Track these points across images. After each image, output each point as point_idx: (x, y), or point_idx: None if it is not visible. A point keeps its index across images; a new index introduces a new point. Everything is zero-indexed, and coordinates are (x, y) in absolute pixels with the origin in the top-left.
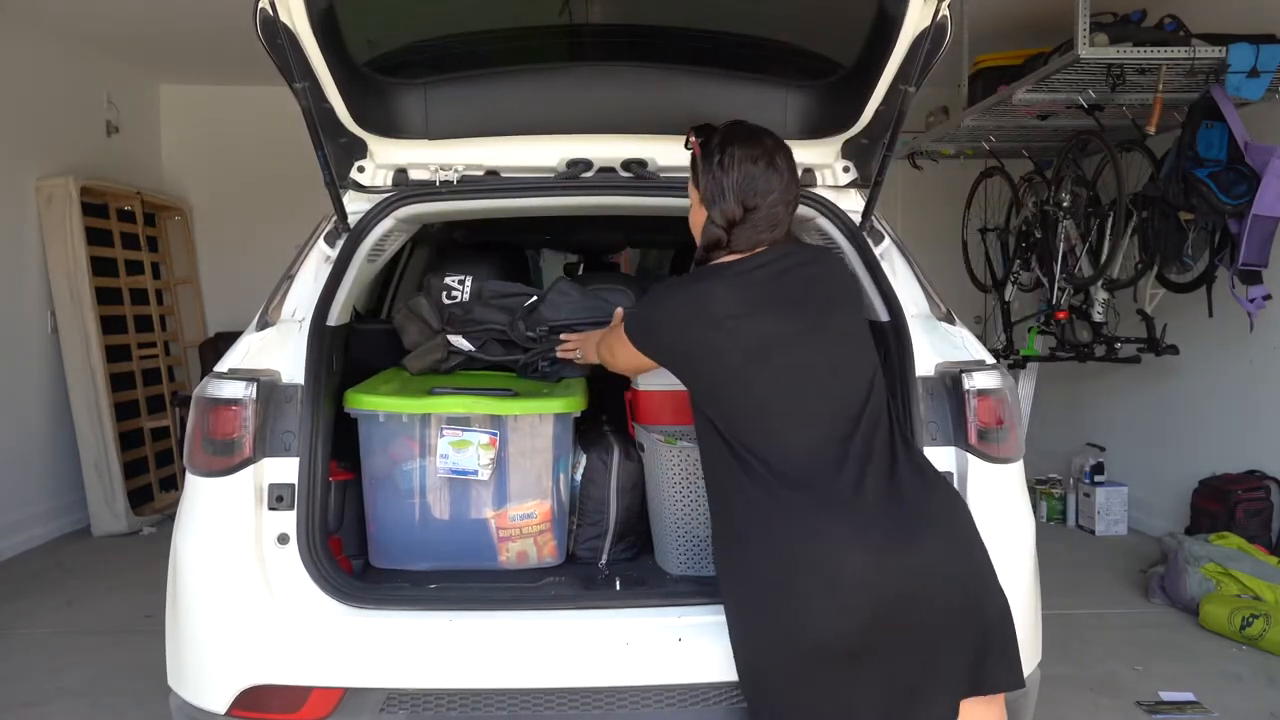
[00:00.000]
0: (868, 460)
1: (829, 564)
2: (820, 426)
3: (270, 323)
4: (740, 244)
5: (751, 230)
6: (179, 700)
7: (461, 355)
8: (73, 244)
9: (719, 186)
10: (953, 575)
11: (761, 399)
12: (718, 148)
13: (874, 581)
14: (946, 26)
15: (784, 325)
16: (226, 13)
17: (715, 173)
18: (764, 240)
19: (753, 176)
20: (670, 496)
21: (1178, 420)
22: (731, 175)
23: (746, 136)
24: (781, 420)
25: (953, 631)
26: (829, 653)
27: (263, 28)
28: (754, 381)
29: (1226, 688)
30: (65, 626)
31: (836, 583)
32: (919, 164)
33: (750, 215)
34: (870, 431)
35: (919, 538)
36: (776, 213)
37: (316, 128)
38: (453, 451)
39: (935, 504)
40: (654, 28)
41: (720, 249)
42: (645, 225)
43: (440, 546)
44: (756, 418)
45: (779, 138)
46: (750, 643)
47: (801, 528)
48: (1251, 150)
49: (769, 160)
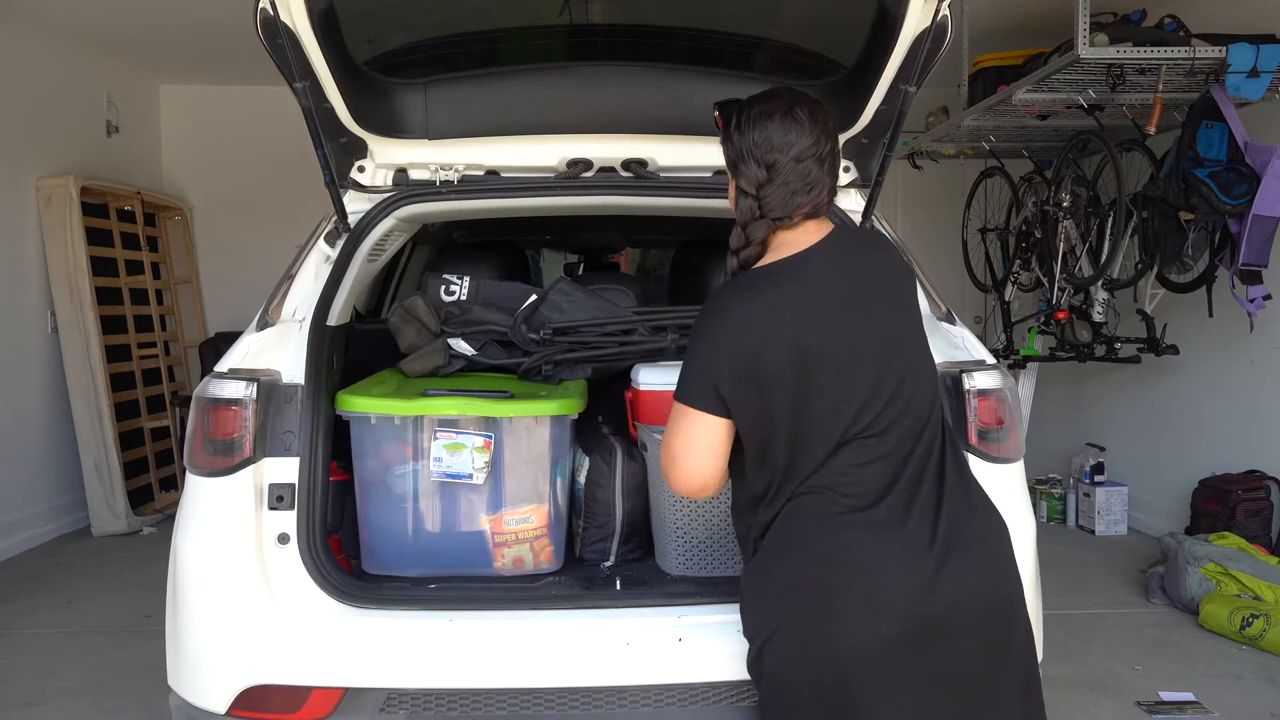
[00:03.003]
0: (920, 480)
1: (870, 586)
2: (878, 444)
3: (270, 323)
4: (774, 209)
5: (783, 190)
6: (179, 700)
7: (463, 359)
8: (73, 244)
9: (739, 150)
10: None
11: (813, 418)
12: (736, 112)
13: (916, 610)
14: (947, 26)
15: (837, 338)
16: (226, 13)
17: (734, 137)
18: (801, 205)
19: (768, 131)
20: (671, 496)
21: (1178, 420)
22: (748, 136)
23: (763, 96)
24: (834, 438)
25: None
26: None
27: (263, 27)
28: (810, 401)
29: (1226, 688)
30: (65, 626)
31: (876, 607)
32: (919, 164)
33: (774, 173)
34: (926, 451)
35: (967, 567)
36: (807, 168)
37: (317, 127)
38: (446, 454)
39: (979, 531)
40: (654, 28)
41: (755, 220)
42: (645, 225)
43: (434, 552)
44: (810, 435)
45: (804, 93)
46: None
47: (844, 546)
48: (1251, 150)
49: (785, 110)
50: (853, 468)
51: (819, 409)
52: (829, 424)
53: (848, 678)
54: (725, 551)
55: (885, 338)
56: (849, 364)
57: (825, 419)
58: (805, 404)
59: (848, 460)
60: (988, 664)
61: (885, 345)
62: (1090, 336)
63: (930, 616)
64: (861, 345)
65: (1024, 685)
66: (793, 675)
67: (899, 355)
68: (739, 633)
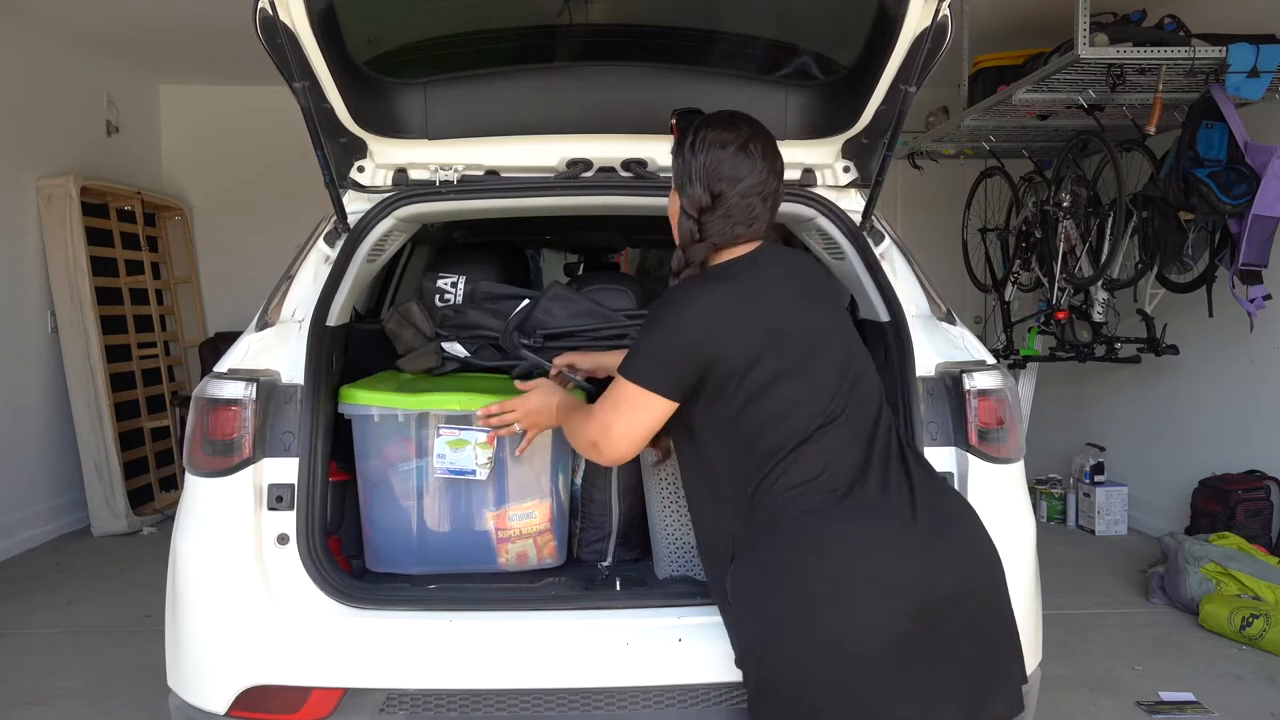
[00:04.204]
0: (888, 460)
1: (875, 567)
2: (847, 428)
3: (270, 323)
4: (713, 235)
5: (723, 222)
6: (178, 700)
7: (456, 362)
8: (73, 244)
9: (688, 170)
10: (990, 574)
11: (789, 404)
12: (692, 130)
13: (923, 582)
14: (947, 26)
15: (803, 325)
16: (226, 13)
17: (685, 155)
18: (740, 236)
19: (720, 161)
20: (662, 499)
21: (1178, 420)
22: (700, 159)
23: (723, 121)
24: (809, 425)
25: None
26: (878, 660)
27: (263, 27)
28: (784, 387)
29: (1226, 688)
30: (65, 626)
31: (887, 586)
32: (919, 164)
33: (719, 203)
34: (886, 432)
35: (954, 537)
36: (751, 204)
37: (316, 128)
38: (450, 451)
39: (954, 504)
40: (654, 28)
41: (695, 243)
42: (645, 225)
43: (438, 550)
44: (785, 425)
45: (762, 127)
46: (789, 656)
47: (840, 533)
48: (1251, 150)
49: (741, 145)
50: (828, 452)
51: (792, 392)
52: (803, 409)
53: (867, 663)
54: None
55: (836, 326)
56: (819, 346)
57: (800, 403)
58: (779, 387)
59: (822, 445)
60: (988, 628)
61: (838, 332)
62: (1090, 336)
63: (935, 589)
64: (822, 329)
65: (1013, 640)
66: (806, 672)
67: (850, 340)
68: None
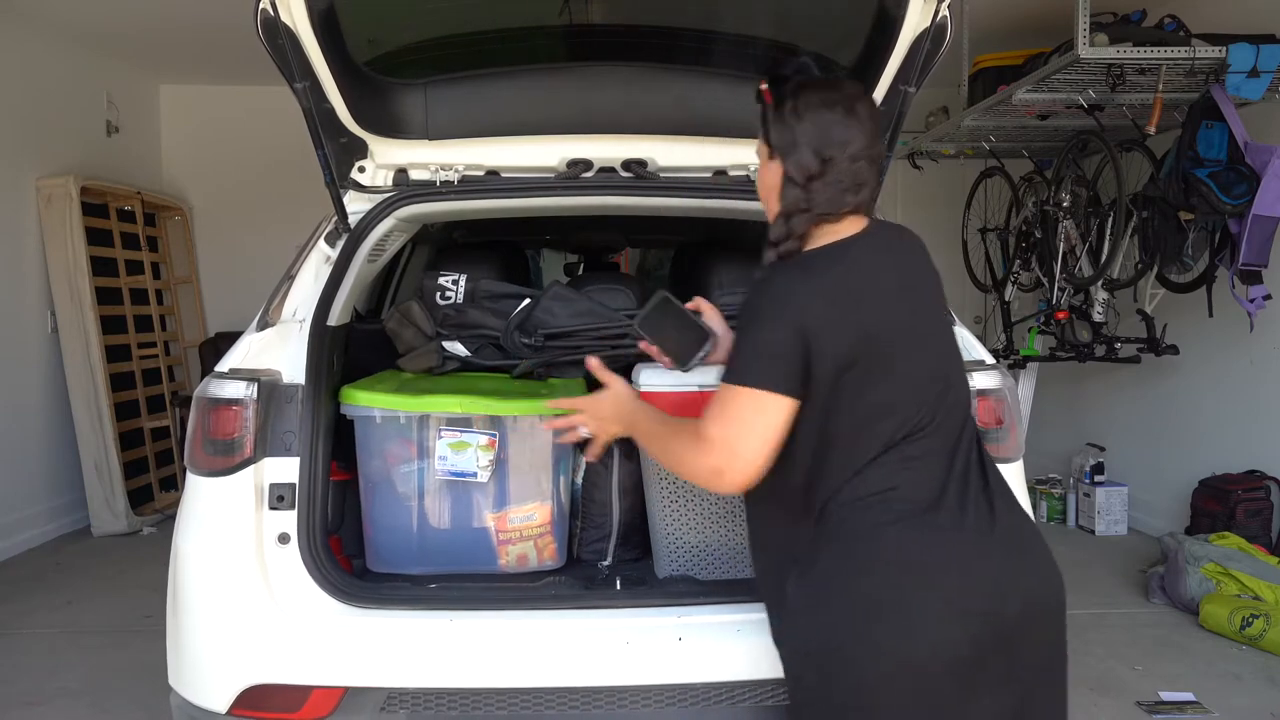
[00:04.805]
0: (968, 476)
1: (949, 587)
2: (933, 439)
3: (271, 323)
4: (820, 204)
5: (833, 188)
6: (179, 699)
7: (457, 361)
8: (73, 244)
9: (791, 136)
10: (1057, 604)
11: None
12: (790, 94)
13: (994, 605)
14: (946, 26)
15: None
16: (226, 13)
17: (788, 120)
18: (848, 204)
19: (829, 124)
20: (661, 499)
21: (1178, 420)
22: (805, 122)
23: (824, 82)
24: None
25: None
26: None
27: (263, 28)
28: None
29: (1226, 688)
30: (65, 626)
31: (958, 606)
32: (919, 164)
33: (828, 168)
34: (969, 446)
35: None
36: (859, 169)
37: (317, 128)
38: (451, 453)
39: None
40: (654, 28)
41: (801, 213)
42: (645, 225)
43: (439, 550)
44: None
45: (861, 85)
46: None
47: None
48: (1251, 150)
49: (847, 107)
50: (911, 462)
51: (880, 397)
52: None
53: (928, 680)
54: (715, 556)
55: (933, 328)
56: (914, 349)
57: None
58: (868, 392)
59: (905, 454)
60: (1050, 657)
61: (935, 335)
62: (1090, 336)
63: (1005, 613)
64: (919, 332)
65: (1064, 675)
66: (863, 682)
67: (946, 345)
68: (739, 632)
